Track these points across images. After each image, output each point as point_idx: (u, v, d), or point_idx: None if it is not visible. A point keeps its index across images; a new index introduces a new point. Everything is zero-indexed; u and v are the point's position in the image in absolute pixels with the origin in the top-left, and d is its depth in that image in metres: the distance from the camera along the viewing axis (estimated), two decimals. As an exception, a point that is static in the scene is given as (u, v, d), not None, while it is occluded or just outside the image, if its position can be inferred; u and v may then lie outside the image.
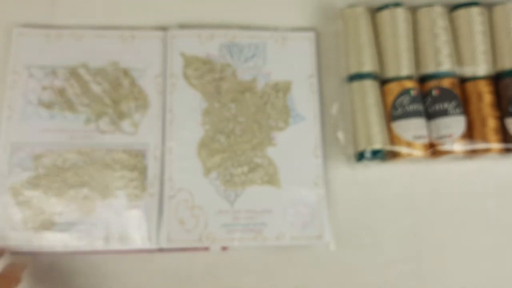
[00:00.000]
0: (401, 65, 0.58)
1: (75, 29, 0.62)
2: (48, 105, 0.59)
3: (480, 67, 0.58)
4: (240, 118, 0.60)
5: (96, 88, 0.60)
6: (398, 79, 0.58)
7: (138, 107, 0.60)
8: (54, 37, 0.61)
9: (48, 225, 0.56)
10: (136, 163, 0.58)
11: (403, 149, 0.56)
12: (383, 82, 0.59)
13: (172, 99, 0.60)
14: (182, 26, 0.63)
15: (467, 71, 0.58)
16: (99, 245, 0.56)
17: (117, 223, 0.56)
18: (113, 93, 0.60)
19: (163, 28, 0.62)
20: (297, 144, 0.60)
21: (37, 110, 0.59)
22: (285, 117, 0.60)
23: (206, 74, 0.61)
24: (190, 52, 0.62)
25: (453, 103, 0.57)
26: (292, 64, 0.62)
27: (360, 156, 0.57)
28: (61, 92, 0.60)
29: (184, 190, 0.58)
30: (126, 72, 0.60)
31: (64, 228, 0.56)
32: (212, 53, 0.62)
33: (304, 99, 0.61)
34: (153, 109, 0.60)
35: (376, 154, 0.57)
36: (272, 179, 0.58)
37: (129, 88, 0.60)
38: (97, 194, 0.57)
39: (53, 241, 0.55)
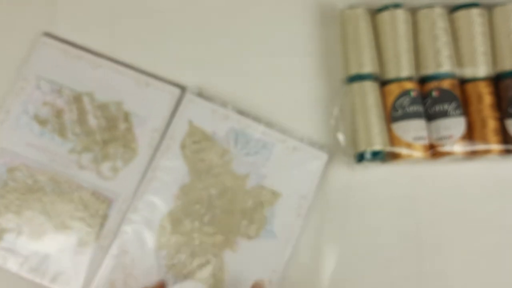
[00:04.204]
0: (401, 66, 0.58)
1: (95, 55, 0.60)
2: (42, 122, 0.59)
3: (480, 68, 0.58)
4: (215, 209, 0.57)
5: (92, 121, 0.59)
6: (398, 80, 0.58)
7: (125, 154, 0.58)
8: (72, 57, 0.60)
9: None
10: (99, 210, 0.57)
11: (403, 150, 0.56)
12: (383, 83, 0.59)
13: (160, 160, 0.58)
14: (201, 93, 0.60)
15: (467, 72, 0.58)
16: (31, 275, 0.55)
17: (58, 261, 0.56)
18: (106, 132, 0.58)
19: (182, 87, 0.60)
20: (260, 260, 0.56)
21: (30, 122, 0.58)
22: (257, 227, 0.57)
23: (203, 151, 0.58)
24: (198, 122, 0.59)
25: (453, 104, 0.57)
26: (290, 177, 0.58)
27: (360, 157, 0.57)
28: (59, 113, 0.59)
29: (129, 254, 0.56)
30: (126, 116, 0.59)
31: (7, 246, 0.56)
32: (218, 133, 0.59)
33: (286, 218, 0.57)
34: (138, 161, 0.58)
35: (376, 155, 0.57)
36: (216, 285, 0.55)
37: (124, 132, 0.58)
38: (52, 226, 0.57)
39: None
